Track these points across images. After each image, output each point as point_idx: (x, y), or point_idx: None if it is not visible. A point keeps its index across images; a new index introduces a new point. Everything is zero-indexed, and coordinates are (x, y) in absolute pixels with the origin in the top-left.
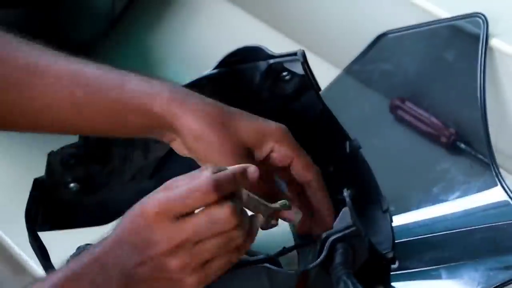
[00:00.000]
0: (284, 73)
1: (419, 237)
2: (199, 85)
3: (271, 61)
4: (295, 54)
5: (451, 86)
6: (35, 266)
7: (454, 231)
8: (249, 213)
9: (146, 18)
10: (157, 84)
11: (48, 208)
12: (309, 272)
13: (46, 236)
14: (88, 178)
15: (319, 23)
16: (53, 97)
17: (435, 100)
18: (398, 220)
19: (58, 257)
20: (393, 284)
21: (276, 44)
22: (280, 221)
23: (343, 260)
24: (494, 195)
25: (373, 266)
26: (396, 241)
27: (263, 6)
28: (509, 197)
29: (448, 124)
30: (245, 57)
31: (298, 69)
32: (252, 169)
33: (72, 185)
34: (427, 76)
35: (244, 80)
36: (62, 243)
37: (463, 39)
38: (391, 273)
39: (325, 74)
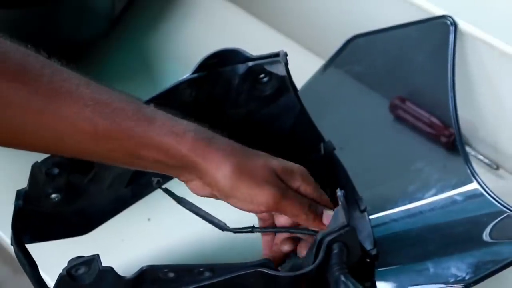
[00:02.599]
0: (262, 75)
1: (402, 232)
2: (179, 89)
3: (250, 63)
4: (276, 55)
5: (425, 86)
6: None
7: (435, 224)
8: None
9: (146, 18)
10: (183, 123)
11: (28, 219)
12: (307, 275)
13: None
14: (69, 187)
15: (317, 21)
16: (74, 126)
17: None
18: (388, 216)
19: (46, 267)
20: (381, 280)
21: (274, 42)
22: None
23: (339, 260)
24: (470, 185)
25: (359, 264)
26: (380, 236)
27: (263, 5)
28: (482, 187)
29: (448, 123)
30: (223, 60)
31: (279, 70)
32: None
33: (53, 195)
34: (400, 75)
35: (222, 83)
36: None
37: (432, 41)
38: (380, 269)
39: (314, 69)
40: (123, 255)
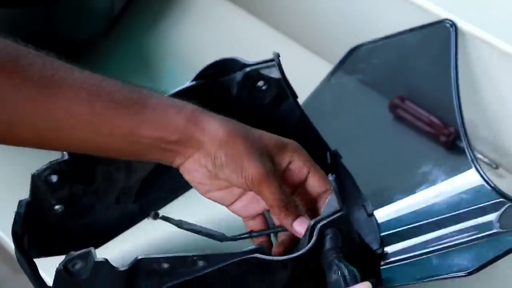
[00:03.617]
0: (260, 83)
1: (405, 227)
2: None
3: (247, 69)
4: (271, 60)
5: (427, 87)
6: None
7: (438, 218)
8: None
9: (145, 18)
10: (178, 100)
11: (34, 232)
12: (300, 259)
13: None
14: (72, 199)
15: (317, 20)
16: (70, 111)
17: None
18: (390, 213)
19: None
20: (386, 275)
21: (274, 42)
22: None
23: (333, 246)
24: (470, 179)
25: (365, 262)
26: (384, 233)
27: (262, 5)
28: (483, 178)
29: (447, 123)
30: (222, 70)
31: (275, 74)
32: None
33: (57, 207)
34: (403, 81)
35: (222, 93)
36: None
37: (434, 45)
38: (384, 265)
39: (322, 72)
40: (123, 253)
